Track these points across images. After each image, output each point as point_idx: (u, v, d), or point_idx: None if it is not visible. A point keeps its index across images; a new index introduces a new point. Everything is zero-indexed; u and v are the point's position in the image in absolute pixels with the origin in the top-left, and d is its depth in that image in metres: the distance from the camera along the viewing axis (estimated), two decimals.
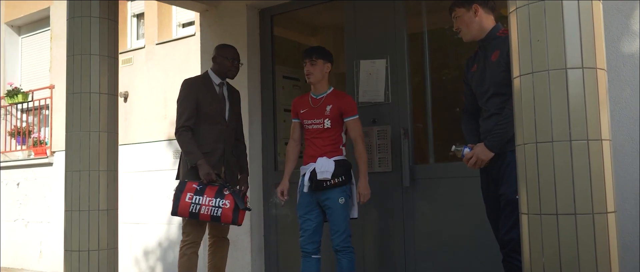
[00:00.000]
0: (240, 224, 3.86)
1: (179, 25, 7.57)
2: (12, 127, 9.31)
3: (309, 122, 3.81)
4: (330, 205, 3.67)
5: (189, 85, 4.01)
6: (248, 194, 4.18)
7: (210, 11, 5.26)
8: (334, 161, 3.68)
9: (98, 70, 3.95)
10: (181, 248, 3.93)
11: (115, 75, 4.07)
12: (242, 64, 4.20)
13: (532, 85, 2.20)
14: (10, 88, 9.08)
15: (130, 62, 7.73)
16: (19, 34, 9.66)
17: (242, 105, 5.00)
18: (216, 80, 4.07)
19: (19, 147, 9.10)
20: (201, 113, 3.93)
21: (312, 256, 3.77)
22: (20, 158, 8.86)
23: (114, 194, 4.01)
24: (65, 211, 3.93)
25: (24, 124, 8.97)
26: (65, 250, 3.91)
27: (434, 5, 4.36)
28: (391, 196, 4.27)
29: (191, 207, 3.78)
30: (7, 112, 9.38)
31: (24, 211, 8.57)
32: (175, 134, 3.94)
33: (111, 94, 4.03)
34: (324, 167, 3.64)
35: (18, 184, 8.72)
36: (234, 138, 4.12)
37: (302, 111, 3.86)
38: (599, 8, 2.19)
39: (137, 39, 8.15)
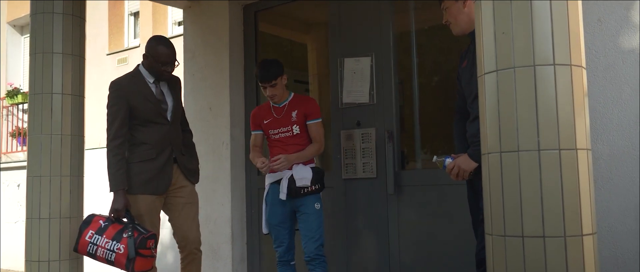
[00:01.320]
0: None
1: (175, 23, 7.37)
2: (13, 127, 9.23)
3: (275, 131, 3.62)
4: (305, 210, 3.51)
5: (117, 88, 3.46)
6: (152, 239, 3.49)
7: (193, 8, 5.02)
8: (310, 167, 3.54)
9: (61, 70, 3.72)
10: None
11: (80, 74, 3.84)
12: (177, 64, 3.59)
13: (496, 85, 1.89)
14: (10, 88, 8.99)
15: (125, 62, 7.56)
16: (21, 34, 9.57)
17: (225, 104, 4.76)
18: (149, 78, 3.54)
19: (20, 148, 9.00)
20: (136, 116, 3.47)
21: (291, 264, 3.66)
22: (21, 159, 8.75)
23: (78, 201, 3.78)
24: (26, 218, 3.72)
25: (25, 125, 8.85)
26: (26, 260, 3.70)
27: (422, 2, 4.04)
28: (375, 203, 3.98)
29: (89, 248, 3.41)
30: (9, 113, 9.30)
31: (25, 213, 8.46)
32: (107, 146, 3.47)
33: (76, 95, 3.80)
34: (302, 174, 3.49)
35: (18, 186, 8.62)
36: (181, 134, 3.67)
37: (265, 122, 3.67)
38: None
39: (135, 37, 7.98)
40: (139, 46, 7.40)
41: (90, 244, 3.41)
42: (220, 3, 4.81)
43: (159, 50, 3.48)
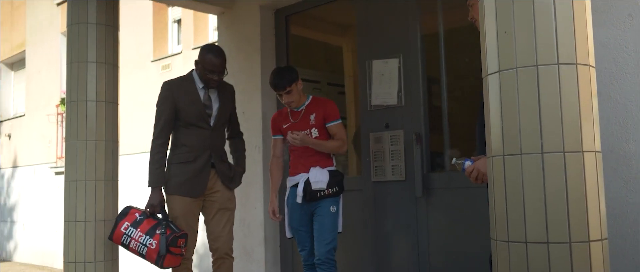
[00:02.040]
0: (164, 268, 3.51)
1: (215, 30, 7.49)
2: None
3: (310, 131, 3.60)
4: (321, 212, 3.48)
5: (167, 88, 3.61)
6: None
7: (226, 13, 5.09)
8: (328, 171, 3.51)
9: (95, 78, 3.86)
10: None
11: (114, 82, 3.96)
12: (226, 73, 3.70)
13: (499, 86, 1.83)
14: (64, 96, 9.36)
15: (169, 68, 7.75)
16: None
17: (257, 108, 4.81)
18: (199, 83, 3.65)
19: None
20: (181, 118, 3.58)
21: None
22: None
23: (113, 205, 3.91)
24: (65, 221, 3.86)
25: None
26: (64, 261, 3.84)
27: (449, 3, 3.97)
28: (404, 206, 3.93)
29: (123, 238, 3.54)
30: (64, 119, 9.69)
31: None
32: (151, 143, 3.59)
33: (110, 102, 3.93)
34: (319, 177, 3.47)
35: None
36: (224, 140, 3.78)
37: (284, 126, 3.68)
38: None
39: (178, 44, 8.17)
40: (181, 52, 7.57)
41: (124, 235, 3.54)
42: (252, 9, 4.87)
43: (207, 59, 3.58)
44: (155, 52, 7.80)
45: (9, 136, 10.59)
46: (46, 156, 9.47)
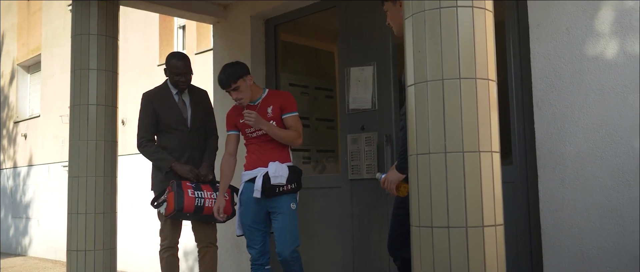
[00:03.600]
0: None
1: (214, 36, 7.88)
2: None
3: (252, 130, 3.60)
4: (280, 210, 3.47)
5: (146, 98, 4.09)
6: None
7: (221, 23, 5.47)
8: (287, 166, 3.53)
9: (96, 84, 4.26)
10: (159, 252, 4.08)
11: (113, 87, 4.36)
12: (191, 75, 4.11)
13: (414, 96, 2.18)
14: None
15: None
16: None
17: None
18: (173, 90, 4.09)
19: None
20: (161, 123, 4.01)
21: (265, 267, 3.64)
22: None
23: (112, 199, 4.30)
24: (68, 213, 4.26)
25: None
26: (68, 250, 4.24)
27: None
28: (377, 203, 4.27)
29: (197, 201, 3.83)
30: None
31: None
32: (138, 148, 4.05)
33: (109, 106, 4.33)
34: (278, 172, 3.45)
35: None
36: (204, 141, 4.16)
37: (241, 121, 3.64)
38: (483, 17, 2.14)
39: (183, 49, 8.57)
40: None
41: (197, 198, 3.85)
42: (243, 19, 5.24)
43: (171, 63, 4.04)
44: (161, 57, 8.20)
45: (25, 136, 11.08)
46: (59, 155, 9.93)
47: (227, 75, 3.54)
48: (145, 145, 4.01)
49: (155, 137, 4.14)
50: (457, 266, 2.03)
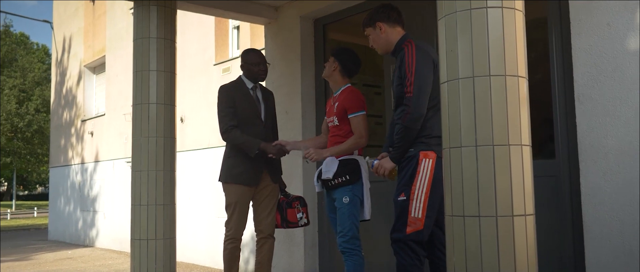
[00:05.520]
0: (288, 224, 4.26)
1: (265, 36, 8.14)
2: None
3: (329, 119, 3.80)
4: (337, 204, 3.61)
5: (225, 91, 4.26)
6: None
7: (272, 24, 5.70)
8: (340, 160, 3.63)
9: (155, 84, 4.56)
10: (224, 242, 4.25)
11: (171, 87, 4.64)
12: (269, 64, 4.36)
13: (447, 93, 2.31)
14: None
15: (229, 71, 8.46)
16: None
17: (297, 111, 5.39)
18: (249, 84, 4.29)
19: None
20: (238, 116, 4.16)
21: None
22: None
23: (171, 191, 4.59)
24: (132, 205, 4.57)
25: None
26: (132, 239, 4.55)
27: None
28: None
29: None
30: None
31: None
32: (223, 135, 4.18)
33: (168, 104, 4.61)
34: (328, 167, 3.61)
35: None
36: (271, 137, 4.33)
37: (327, 109, 3.91)
38: (513, 17, 2.24)
39: (237, 48, 8.88)
40: (240, 56, 8.26)
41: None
42: (293, 19, 5.45)
43: (249, 56, 4.31)
44: (217, 57, 8.53)
45: (92, 134, 11.71)
46: (123, 151, 10.46)
47: (330, 51, 3.91)
48: (230, 131, 4.13)
49: None
50: (488, 253, 2.15)
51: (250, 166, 4.15)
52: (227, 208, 4.20)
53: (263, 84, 4.48)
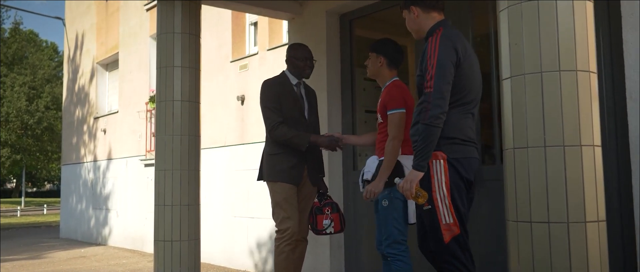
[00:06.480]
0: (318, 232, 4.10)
1: (288, 32, 7.99)
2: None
3: (377, 115, 3.64)
4: (377, 207, 3.49)
5: (269, 87, 4.07)
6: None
7: (296, 19, 5.55)
8: (380, 160, 3.46)
9: (180, 80, 4.42)
10: (278, 246, 3.93)
11: (196, 84, 4.51)
12: (315, 61, 4.19)
13: (510, 90, 2.15)
14: (152, 94, 10.20)
15: (246, 68, 8.32)
16: None
17: (323, 107, 5.24)
18: (293, 80, 4.11)
19: None
20: (283, 112, 3.99)
21: (386, 258, 3.51)
22: None
23: (195, 191, 4.45)
24: (155, 205, 4.44)
25: None
26: (155, 240, 4.42)
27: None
28: None
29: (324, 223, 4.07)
30: (152, 116, 10.53)
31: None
32: (271, 133, 3.99)
33: (192, 101, 4.48)
34: (369, 167, 3.51)
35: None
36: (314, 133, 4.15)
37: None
38: (584, 8, 2.08)
39: (255, 45, 8.74)
40: (257, 53, 8.11)
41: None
42: (318, 14, 5.30)
43: (298, 52, 4.12)
44: (233, 54, 8.39)
45: (104, 131, 11.60)
46: (137, 149, 10.34)
47: (373, 43, 3.69)
48: (277, 128, 3.95)
49: None
50: (559, 262, 1.99)
51: (294, 163, 3.98)
52: (275, 208, 3.98)
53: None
